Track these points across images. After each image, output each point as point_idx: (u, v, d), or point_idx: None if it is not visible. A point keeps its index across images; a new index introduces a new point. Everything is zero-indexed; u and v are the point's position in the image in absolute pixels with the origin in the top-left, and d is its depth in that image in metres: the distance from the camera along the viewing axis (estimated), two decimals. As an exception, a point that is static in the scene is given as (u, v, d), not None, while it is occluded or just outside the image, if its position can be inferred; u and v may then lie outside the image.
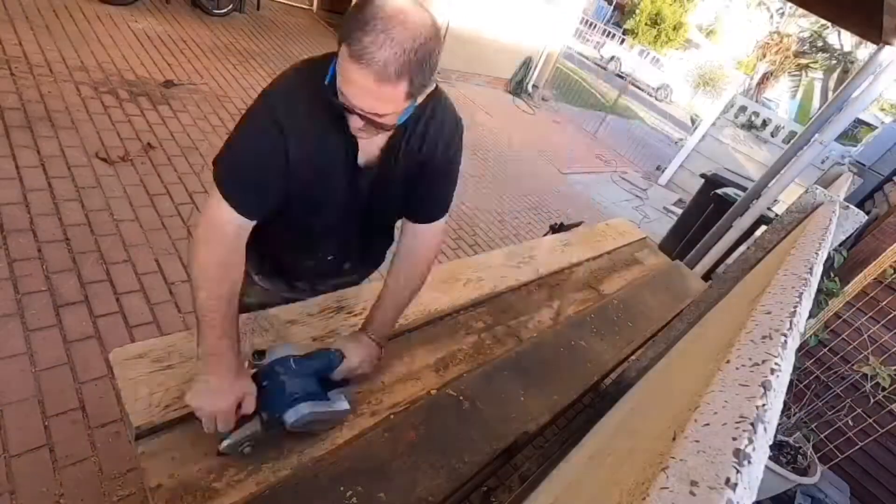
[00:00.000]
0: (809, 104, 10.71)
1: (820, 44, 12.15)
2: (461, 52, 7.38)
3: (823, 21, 11.08)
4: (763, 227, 3.16)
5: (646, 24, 22.14)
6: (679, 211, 6.03)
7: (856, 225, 1.09)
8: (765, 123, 7.17)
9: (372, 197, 1.00)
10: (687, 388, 0.51)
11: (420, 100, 0.81)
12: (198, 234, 0.85)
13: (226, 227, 0.85)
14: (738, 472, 0.27)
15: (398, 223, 1.11)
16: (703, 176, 4.38)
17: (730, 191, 3.90)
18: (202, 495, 0.76)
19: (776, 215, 2.56)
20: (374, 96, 0.73)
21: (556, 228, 2.50)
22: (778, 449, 2.23)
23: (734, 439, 0.29)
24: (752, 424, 0.30)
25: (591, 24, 21.03)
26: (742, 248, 2.93)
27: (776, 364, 0.38)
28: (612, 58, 19.54)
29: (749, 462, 0.28)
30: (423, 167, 0.96)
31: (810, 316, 2.41)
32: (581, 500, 0.57)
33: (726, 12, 17.77)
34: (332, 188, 0.95)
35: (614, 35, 20.95)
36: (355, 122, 0.79)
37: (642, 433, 0.55)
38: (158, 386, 0.87)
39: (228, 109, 3.68)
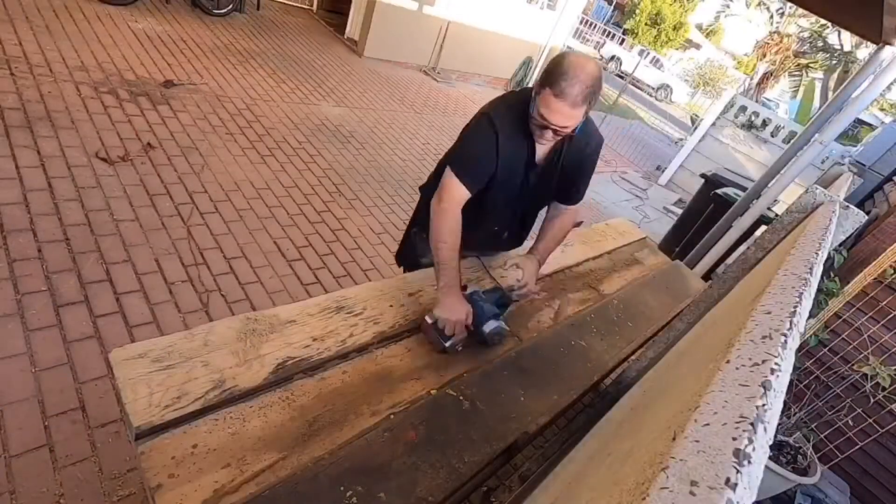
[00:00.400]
0: (809, 104, 10.69)
1: (820, 44, 12.15)
2: (461, 52, 7.38)
3: (823, 21, 11.08)
4: (763, 227, 3.16)
5: (646, 24, 22.14)
6: (679, 211, 6.03)
7: (856, 225, 1.09)
8: (765, 123, 7.17)
9: (538, 184, 1.45)
10: (687, 388, 0.51)
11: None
12: (441, 207, 1.31)
13: (458, 200, 1.32)
14: (738, 472, 0.27)
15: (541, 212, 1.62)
16: (703, 176, 4.38)
17: (730, 191, 3.90)
18: (202, 495, 0.76)
19: (776, 215, 2.56)
20: (566, 116, 1.19)
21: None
22: (778, 449, 2.23)
23: (734, 439, 0.29)
24: (752, 424, 0.30)
25: (591, 24, 21.03)
26: (742, 248, 2.93)
27: (776, 364, 0.38)
28: (613, 58, 19.54)
29: (749, 462, 0.28)
30: (575, 164, 1.43)
31: (810, 316, 2.41)
32: (581, 500, 0.57)
33: (727, 12, 17.74)
34: (516, 176, 1.41)
35: (614, 35, 20.95)
36: (547, 134, 1.25)
37: (642, 433, 0.55)
38: (158, 386, 0.87)
39: (228, 109, 3.68)
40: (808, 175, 5.65)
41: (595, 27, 21.00)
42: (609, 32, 20.98)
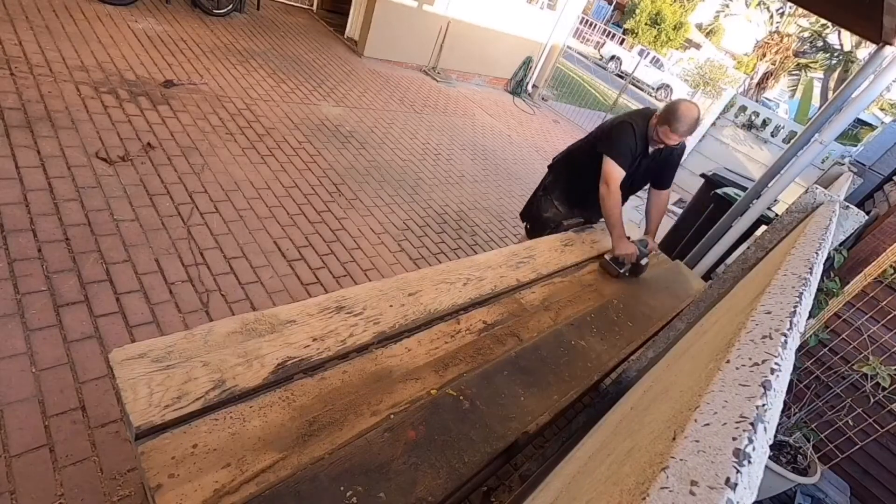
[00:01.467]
0: (808, 104, 10.68)
1: (820, 44, 12.15)
2: (461, 52, 7.38)
3: (823, 21, 11.08)
4: (763, 227, 3.16)
5: (646, 23, 22.14)
6: (679, 211, 6.03)
7: (856, 225, 1.09)
8: (765, 123, 7.17)
9: (646, 169, 2.24)
10: (687, 388, 0.51)
11: None
12: (611, 189, 2.06)
13: (618, 179, 2.07)
14: (738, 471, 0.27)
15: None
16: (703, 176, 4.38)
17: (730, 191, 3.89)
18: (202, 495, 0.76)
19: (776, 215, 2.56)
20: (676, 141, 2.05)
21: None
22: (778, 449, 2.23)
23: (734, 439, 0.29)
24: (752, 424, 0.30)
25: (591, 24, 21.02)
26: (742, 248, 2.93)
27: (776, 364, 0.38)
28: (613, 57, 19.54)
29: (749, 462, 0.28)
30: (669, 159, 2.25)
31: (810, 316, 2.41)
32: (581, 500, 0.57)
33: (726, 11, 17.72)
34: (635, 163, 2.16)
35: (614, 35, 20.94)
36: (659, 145, 2.12)
37: (642, 433, 0.55)
38: (158, 386, 0.87)
39: (228, 109, 3.68)
40: (808, 175, 5.65)
41: (595, 27, 21.00)
42: (609, 32, 20.98)
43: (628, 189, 2.31)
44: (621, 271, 2.05)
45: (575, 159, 2.42)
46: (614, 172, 2.05)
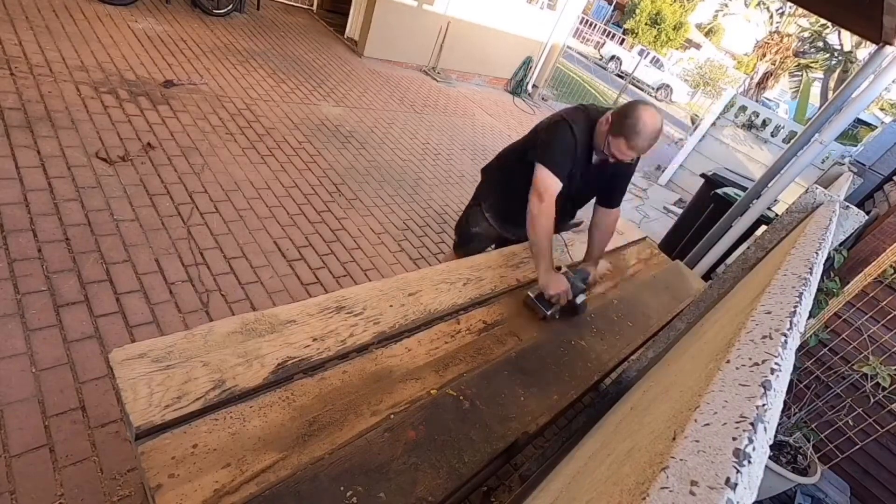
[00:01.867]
0: (805, 104, 10.67)
1: (820, 44, 12.14)
2: (461, 52, 7.38)
3: (823, 21, 11.07)
4: (763, 227, 3.16)
5: (646, 23, 22.14)
6: (679, 211, 6.03)
7: (856, 225, 1.09)
8: (765, 123, 7.17)
9: (589, 181, 1.77)
10: (687, 388, 0.51)
11: None
12: (542, 206, 1.57)
13: (554, 192, 1.59)
14: (738, 471, 0.27)
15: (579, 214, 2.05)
16: (703, 176, 4.38)
17: (730, 191, 3.89)
18: (203, 495, 0.76)
19: (776, 215, 2.56)
20: (629, 157, 1.58)
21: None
22: (778, 449, 2.23)
23: (734, 439, 0.29)
24: (752, 424, 0.30)
25: (591, 24, 21.02)
26: (742, 248, 2.93)
27: (776, 364, 0.38)
28: (613, 57, 19.53)
29: (749, 462, 0.28)
30: (620, 171, 1.77)
31: (810, 316, 2.41)
32: (581, 500, 0.57)
33: (725, 11, 17.72)
34: (577, 174, 1.70)
35: (614, 35, 20.95)
36: (610, 160, 1.63)
37: (642, 433, 0.55)
38: (158, 386, 0.87)
39: (228, 109, 3.68)
40: (808, 175, 5.65)
41: (595, 27, 21.00)
42: (609, 32, 20.98)
43: (565, 206, 1.86)
44: (548, 312, 1.52)
45: (508, 164, 1.95)
46: (549, 183, 1.58)
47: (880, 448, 2.44)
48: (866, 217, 1.21)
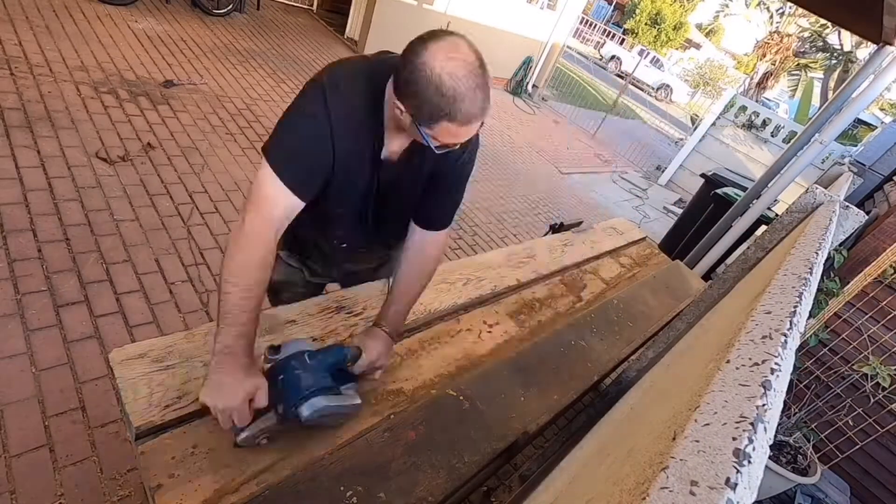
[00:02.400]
0: (807, 104, 10.68)
1: (820, 44, 12.15)
2: (461, 52, 7.37)
3: (823, 21, 11.07)
4: (763, 227, 3.16)
5: (646, 23, 22.15)
6: (679, 211, 6.03)
7: (856, 225, 1.09)
8: (765, 123, 7.17)
9: (387, 188, 1.05)
10: (687, 388, 0.51)
11: None
12: (245, 230, 0.84)
13: (277, 215, 0.88)
14: (738, 471, 0.27)
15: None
16: (703, 176, 4.38)
17: (730, 191, 3.90)
18: (203, 495, 0.76)
19: (776, 215, 2.56)
20: (470, 134, 0.88)
21: (556, 228, 2.50)
22: (778, 449, 2.23)
23: (734, 439, 0.29)
24: (752, 424, 0.30)
25: (591, 24, 21.02)
26: (742, 248, 2.93)
27: (776, 364, 0.38)
28: (612, 57, 19.53)
29: (749, 462, 0.28)
30: (442, 169, 1.03)
31: (810, 316, 2.41)
32: (581, 500, 0.57)
33: (725, 11, 17.73)
34: (358, 175, 0.99)
35: (614, 35, 20.95)
36: (438, 150, 0.88)
37: (642, 433, 0.55)
38: (158, 386, 0.87)
39: (228, 109, 3.68)
40: (808, 175, 5.65)
41: (595, 27, 21.00)
42: (609, 32, 20.99)
43: (355, 223, 1.13)
44: (237, 438, 0.81)
45: None
46: (268, 193, 0.86)
47: (880, 448, 2.44)
48: (866, 217, 1.21)
